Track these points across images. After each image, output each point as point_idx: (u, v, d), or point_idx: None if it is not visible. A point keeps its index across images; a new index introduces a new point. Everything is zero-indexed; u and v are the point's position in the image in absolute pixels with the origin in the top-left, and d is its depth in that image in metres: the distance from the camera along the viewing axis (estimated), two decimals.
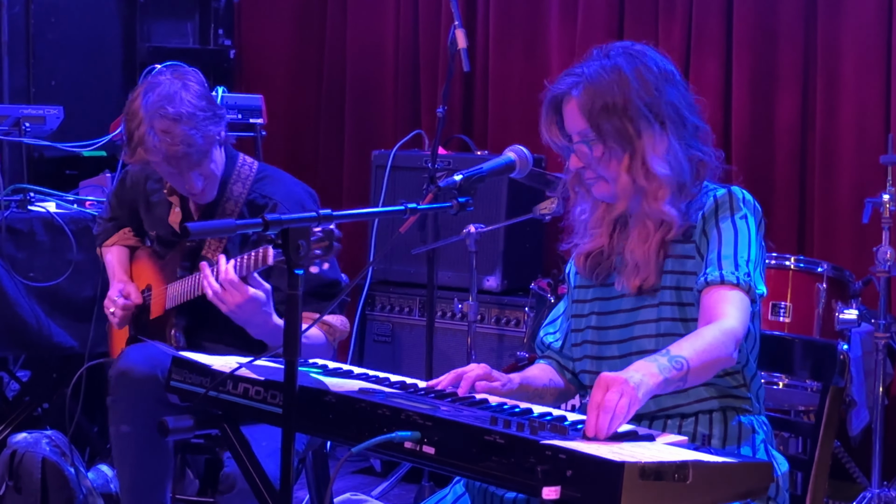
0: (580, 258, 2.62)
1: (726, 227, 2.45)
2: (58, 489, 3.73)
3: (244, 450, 2.55)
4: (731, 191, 2.49)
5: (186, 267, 3.39)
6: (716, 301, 2.38)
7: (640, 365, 2.20)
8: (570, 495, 1.87)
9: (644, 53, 2.52)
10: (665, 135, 2.47)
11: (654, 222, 2.48)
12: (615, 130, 2.45)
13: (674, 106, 2.49)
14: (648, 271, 2.48)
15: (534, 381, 2.63)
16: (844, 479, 4.33)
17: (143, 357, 3.19)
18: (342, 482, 4.74)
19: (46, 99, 4.81)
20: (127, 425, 3.19)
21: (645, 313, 2.51)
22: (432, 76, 5.53)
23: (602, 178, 2.50)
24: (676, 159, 2.47)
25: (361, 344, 5.05)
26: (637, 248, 2.49)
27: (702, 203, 2.49)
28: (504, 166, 2.56)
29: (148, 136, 3.17)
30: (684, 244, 2.49)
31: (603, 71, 2.47)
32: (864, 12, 4.64)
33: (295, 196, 3.38)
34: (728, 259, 2.41)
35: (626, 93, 2.45)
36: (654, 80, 2.48)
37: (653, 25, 5.02)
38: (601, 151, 2.47)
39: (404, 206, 2.37)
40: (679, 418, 2.49)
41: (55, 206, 4.26)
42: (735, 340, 2.33)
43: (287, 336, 2.16)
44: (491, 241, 4.72)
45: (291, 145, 5.89)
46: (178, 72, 3.30)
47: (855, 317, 3.93)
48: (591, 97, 2.46)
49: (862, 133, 4.64)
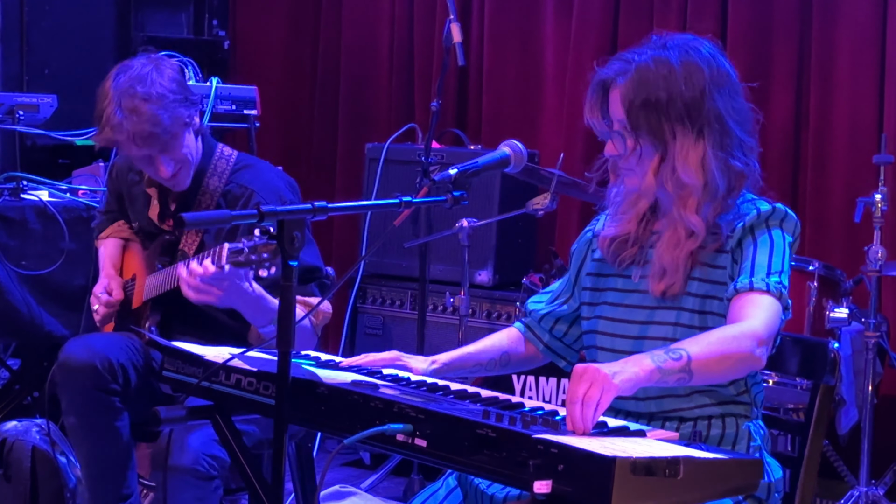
0: (605, 241, 2.57)
1: (763, 239, 2.42)
2: (47, 478, 3.73)
3: (236, 441, 2.55)
4: (776, 207, 2.45)
5: (165, 261, 3.38)
6: (742, 306, 2.35)
7: (630, 357, 2.20)
8: (561, 489, 1.87)
9: (700, 52, 2.45)
10: (701, 141, 2.42)
11: (684, 230, 2.44)
12: (650, 129, 2.40)
13: (718, 113, 2.43)
14: (675, 279, 2.44)
15: (478, 354, 2.64)
16: (833, 478, 4.35)
17: (81, 346, 3.19)
18: (331, 474, 4.74)
19: (40, 87, 4.80)
20: (72, 416, 3.19)
21: (663, 315, 2.48)
22: (427, 70, 5.53)
23: (633, 171, 2.47)
24: (709, 169, 2.42)
25: (353, 336, 5.05)
26: (666, 252, 2.45)
27: (743, 214, 2.44)
28: (499, 161, 2.55)
29: (114, 115, 3.14)
30: (717, 253, 2.45)
31: (653, 63, 2.41)
32: (858, 12, 4.65)
33: (272, 185, 3.33)
34: (761, 268, 2.38)
35: (670, 91, 2.40)
36: (702, 83, 2.41)
37: (648, 21, 5.02)
38: (633, 146, 2.43)
39: (399, 199, 2.37)
40: (678, 421, 2.47)
41: (48, 195, 4.25)
42: (754, 338, 2.28)
43: (280, 327, 2.16)
44: (483, 236, 4.73)
45: (285, 137, 5.88)
46: (152, 56, 3.28)
47: (845, 316, 3.94)
48: (634, 89, 2.40)
49: (855, 132, 4.66)
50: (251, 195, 3.30)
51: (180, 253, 3.34)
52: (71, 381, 3.16)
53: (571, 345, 2.70)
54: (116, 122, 3.14)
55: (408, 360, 2.57)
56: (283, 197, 3.31)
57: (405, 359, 2.56)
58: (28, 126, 4.34)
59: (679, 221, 2.44)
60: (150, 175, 3.33)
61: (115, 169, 3.60)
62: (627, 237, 2.55)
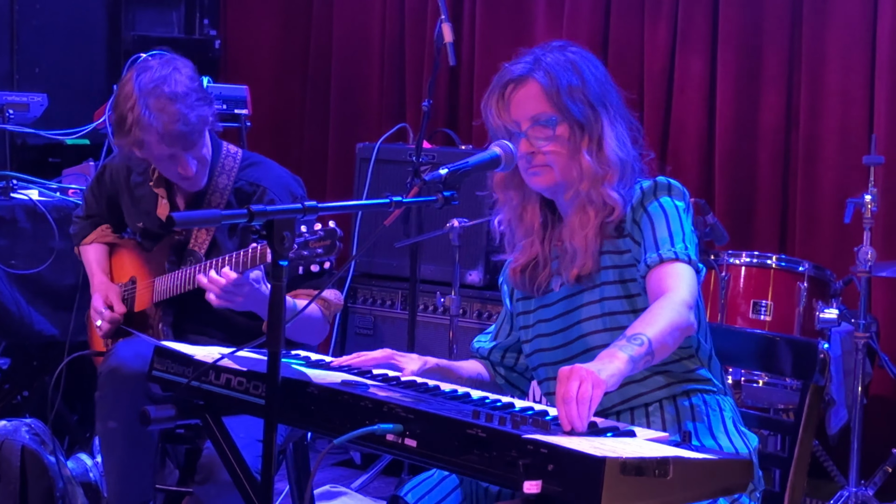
0: (516, 274, 2.64)
1: (654, 210, 2.49)
2: (37, 477, 3.72)
3: (226, 440, 2.54)
4: (656, 180, 2.53)
5: (174, 261, 3.37)
6: (660, 279, 2.41)
7: (601, 355, 2.22)
8: (551, 489, 1.87)
9: (585, 52, 2.59)
10: (617, 123, 2.54)
11: (595, 208, 2.51)
12: (579, 112, 2.50)
13: (619, 97, 2.58)
14: (586, 258, 2.51)
15: (459, 369, 2.69)
16: (822, 478, 4.35)
17: (133, 354, 3.18)
18: (321, 474, 4.75)
19: (30, 86, 4.79)
20: (114, 421, 3.19)
21: (586, 297, 2.52)
22: (418, 70, 5.53)
23: (547, 166, 2.52)
24: (625, 147, 2.54)
25: (343, 337, 5.05)
26: (576, 234, 2.52)
27: (630, 196, 2.52)
28: (489, 161, 2.55)
29: (143, 115, 3.15)
30: (618, 239, 2.52)
31: (558, 59, 2.53)
32: (848, 13, 4.66)
33: (282, 182, 3.37)
34: (664, 240, 2.44)
35: (583, 77, 2.53)
36: (601, 76, 2.56)
37: (639, 23, 5.03)
38: (567, 133, 2.50)
39: (390, 199, 2.37)
40: (643, 407, 2.50)
41: (38, 194, 4.24)
42: (686, 306, 2.35)
43: (270, 327, 2.16)
44: (474, 236, 4.72)
45: (276, 137, 5.88)
46: (166, 57, 3.30)
47: (835, 316, 3.95)
48: (556, 80, 2.50)
49: (845, 133, 4.67)
50: (263, 192, 3.32)
51: (190, 252, 3.33)
52: (121, 388, 3.16)
53: (523, 373, 2.76)
54: (146, 122, 3.15)
55: (400, 358, 2.57)
56: (293, 193, 3.35)
57: (398, 358, 2.57)
58: (18, 125, 4.34)
59: (591, 201, 2.50)
60: (169, 175, 3.32)
61: (109, 170, 3.58)
62: (536, 260, 2.60)
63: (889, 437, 4.38)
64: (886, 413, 4.58)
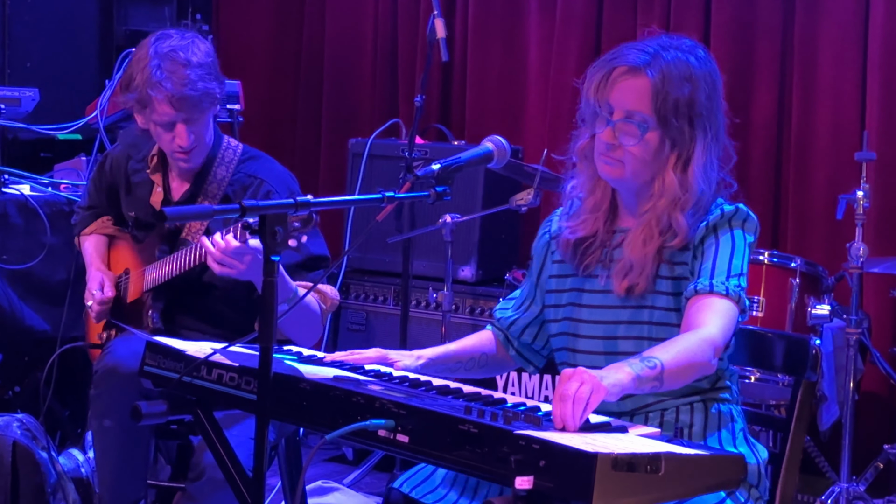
0: (567, 244, 2.58)
1: (725, 239, 2.43)
2: (28, 473, 3.71)
3: (217, 436, 2.54)
4: (738, 208, 2.47)
5: (165, 250, 3.37)
6: (699, 309, 2.36)
7: (611, 365, 2.21)
8: (543, 485, 1.87)
9: (710, 62, 2.49)
10: (709, 149, 2.47)
11: (661, 228, 2.45)
12: (677, 127, 2.43)
13: (719, 124, 2.49)
14: (641, 277, 2.45)
15: (458, 353, 2.65)
16: (814, 474, 4.36)
17: (130, 353, 3.17)
18: (314, 470, 4.74)
19: (22, 81, 4.78)
20: (110, 420, 3.19)
21: (633, 315, 2.48)
22: (410, 65, 5.52)
23: (621, 162, 2.46)
24: (708, 177, 2.46)
25: (335, 332, 5.05)
26: (636, 249, 2.46)
27: (707, 215, 2.46)
28: (482, 156, 2.55)
29: (154, 74, 3.16)
30: (682, 252, 2.46)
31: (679, 63, 2.43)
32: (841, 9, 4.66)
33: (281, 176, 3.38)
34: (721, 272, 2.39)
35: (695, 94, 2.43)
36: (715, 94, 2.47)
37: (631, 18, 5.03)
38: (656, 142, 2.44)
39: (382, 194, 2.37)
40: (659, 412, 2.48)
41: (29, 189, 4.24)
42: (713, 347, 2.31)
43: (262, 323, 2.15)
44: (466, 232, 4.73)
45: (268, 132, 5.87)
46: (187, 33, 3.31)
47: (827, 312, 3.95)
48: (666, 85, 2.41)
49: (837, 129, 4.67)
50: (261, 184, 3.33)
51: (182, 242, 3.33)
52: (118, 386, 3.14)
53: (540, 350, 2.72)
54: (156, 80, 3.16)
55: (393, 358, 2.56)
56: (291, 188, 3.35)
57: (391, 357, 2.56)
58: (9, 120, 4.32)
59: (654, 220, 2.45)
60: (165, 146, 3.31)
61: (111, 160, 3.57)
62: (593, 239, 2.55)
63: (880, 433, 4.39)
64: (878, 409, 4.59)
